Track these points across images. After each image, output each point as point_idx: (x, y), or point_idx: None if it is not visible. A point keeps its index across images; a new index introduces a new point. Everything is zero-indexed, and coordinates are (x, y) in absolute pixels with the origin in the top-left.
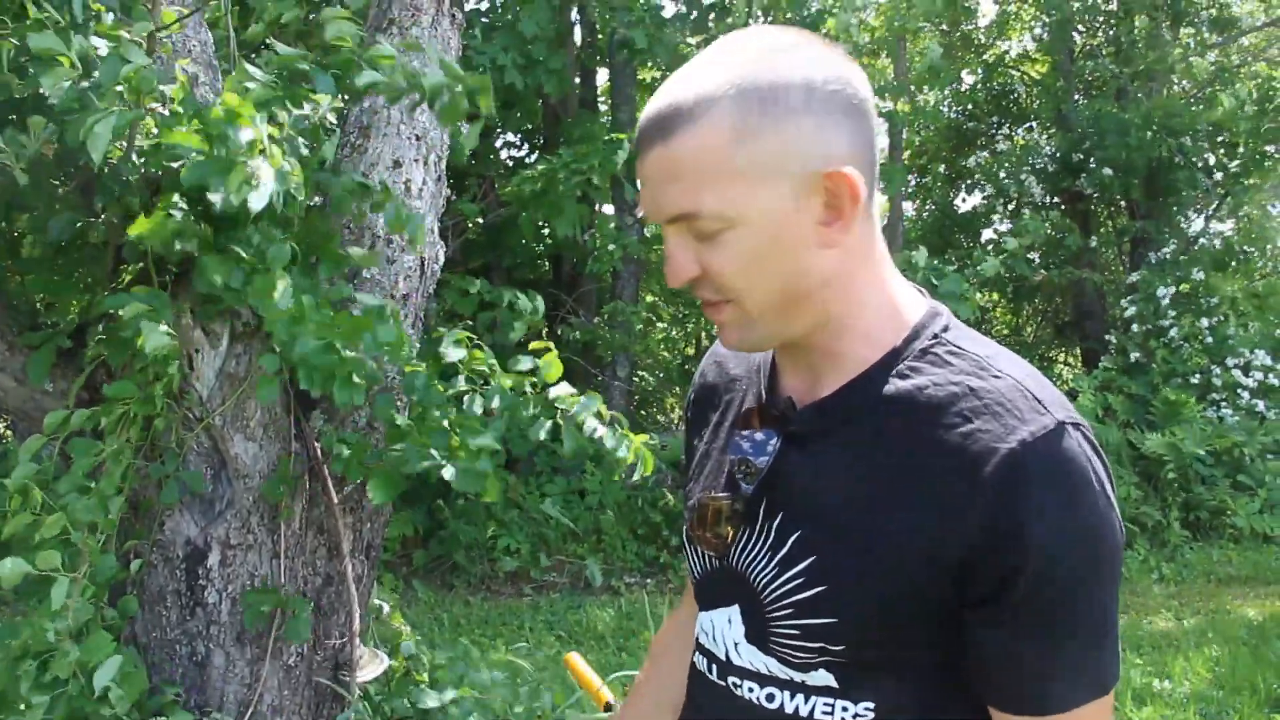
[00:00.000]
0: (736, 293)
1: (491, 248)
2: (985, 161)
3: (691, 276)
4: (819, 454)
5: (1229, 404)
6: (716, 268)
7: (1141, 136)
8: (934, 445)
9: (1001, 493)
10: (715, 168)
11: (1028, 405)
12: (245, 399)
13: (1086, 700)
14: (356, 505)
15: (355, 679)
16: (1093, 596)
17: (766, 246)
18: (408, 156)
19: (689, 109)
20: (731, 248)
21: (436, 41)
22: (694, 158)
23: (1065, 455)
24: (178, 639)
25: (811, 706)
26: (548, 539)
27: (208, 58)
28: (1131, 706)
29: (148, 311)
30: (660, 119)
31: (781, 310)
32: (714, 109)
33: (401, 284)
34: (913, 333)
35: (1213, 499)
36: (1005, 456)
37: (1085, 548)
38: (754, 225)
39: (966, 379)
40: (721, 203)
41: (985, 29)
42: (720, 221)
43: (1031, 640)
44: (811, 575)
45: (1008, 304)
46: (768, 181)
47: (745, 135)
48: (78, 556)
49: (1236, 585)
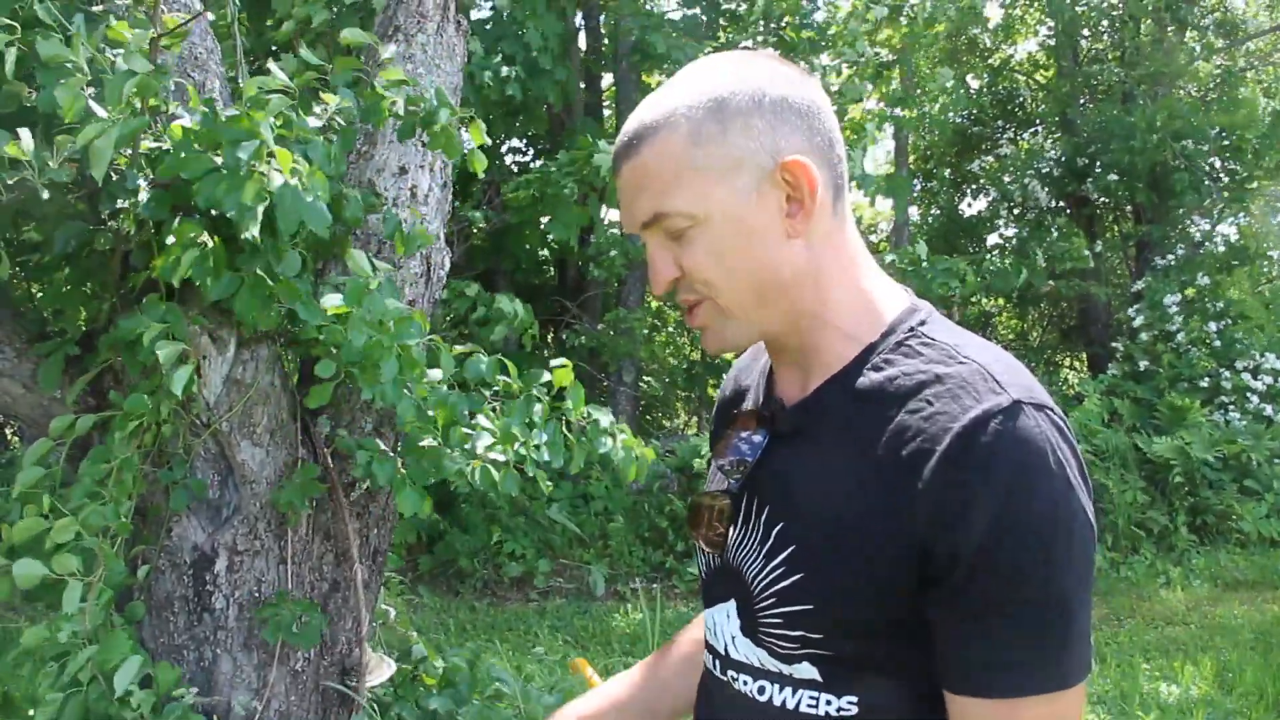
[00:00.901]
0: (711, 288)
1: (496, 253)
2: (990, 166)
3: (672, 278)
4: (801, 449)
5: (1238, 408)
6: (690, 264)
7: (1146, 140)
8: (899, 431)
9: (949, 470)
10: (676, 169)
11: (986, 387)
12: (252, 405)
13: (1036, 691)
14: (364, 510)
15: (363, 684)
16: (1046, 583)
17: (734, 239)
18: (414, 163)
19: (652, 125)
20: (701, 243)
21: (442, 49)
22: (657, 164)
23: (1016, 434)
24: (185, 644)
25: (798, 700)
26: (553, 544)
27: (216, 67)
28: (1139, 712)
29: (164, 328)
30: (629, 139)
31: (756, 304)
32: (672, 119)
33: (408, 290)
34: (889, 328)
35: (1220, 503)
36: (956, 434)
37: (1032, 531)
38: (719, 220)
39: (934, 367)
40: (686, 201)
41: (991, 33)
42: (687, 219)
43: (976, 623)
44: (791, 564)
45: (1013, 309)
46: (726, 177)
47: (701, 138)
48: (92, 560)
49: (1244, 590)
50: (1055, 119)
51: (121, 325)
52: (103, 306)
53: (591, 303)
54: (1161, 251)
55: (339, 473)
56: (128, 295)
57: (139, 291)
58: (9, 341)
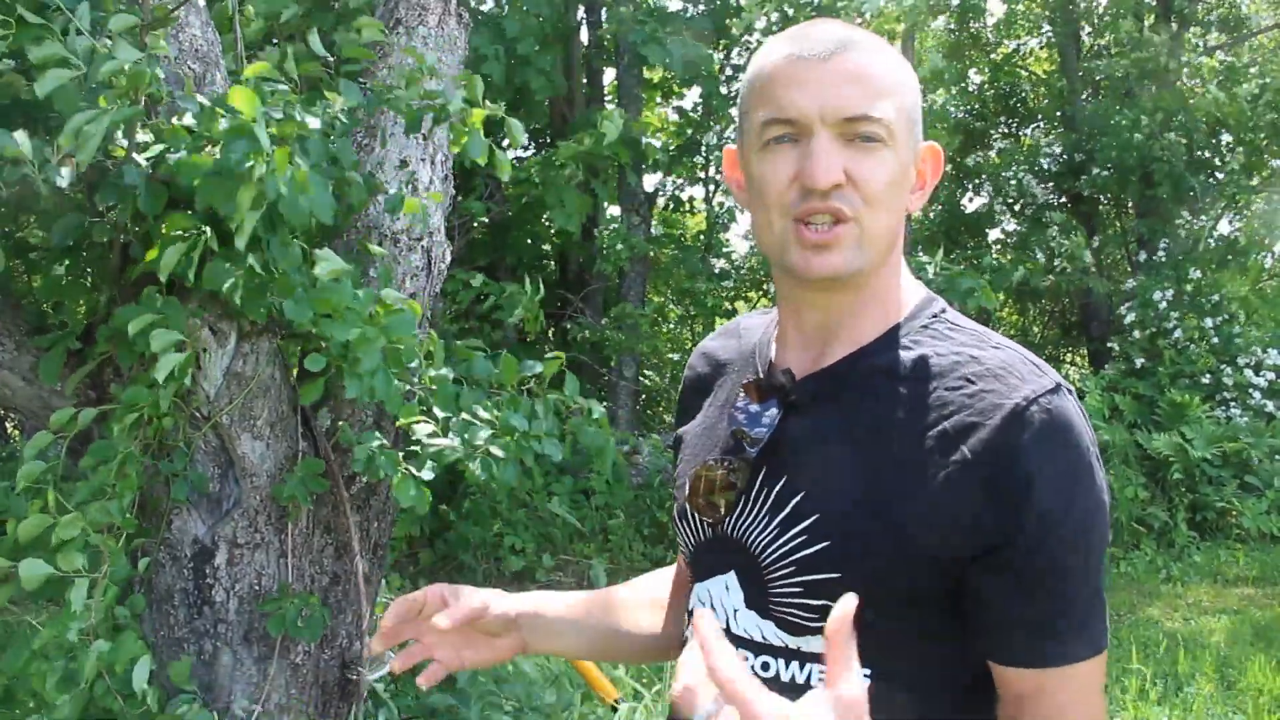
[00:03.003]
0: (871, 207)
1: (497, 247)
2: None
3: (840, 180)
4: (822, 420)
5: (1239, 404)
6: (866, 175)
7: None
8: (939, 406)
9: (1005, 447)
10: (892, 88)
11: (1028, 369)
12: (253, 398)
13: (1086, 656)
14: (365, 504)
15: (363, 677)
16: (1090, 554)
17: (899, 177)
18: (415, 156)
19: (863, 41)
20: (884, 163)
21: (443, 41)
22: (879, 72)
23: (1065, 415)
24: (185, 637)
25: (807, 674)
26: (554, 538)
27: (215, 58)
28: (1139, 707)
29: (159, 320)
30: (838, 39)
31: (886, 246)
32: (886, 50)
33: (408, 283)
34: (912, 312)
35: (1220, 500)
36: (1010, 412)
37: (1084, 505)
38: (899, 154)
39: (967, 349)
40: (893, 117)
41: (993, 27)
42: (886, 132)
43: (1033, 595)
44: (815, 533)
45: (1014, 304)
46: (913, 127)
47: (907, 83)
48: (97, 557)
49: (1244, 586)
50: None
51: (117, 315)
52: (102, 299)
53: (594, 296)
54: (1153, 247)
55: (340, 466)
56: (127, 287)
57: (138, 284)
58: (9, 334)
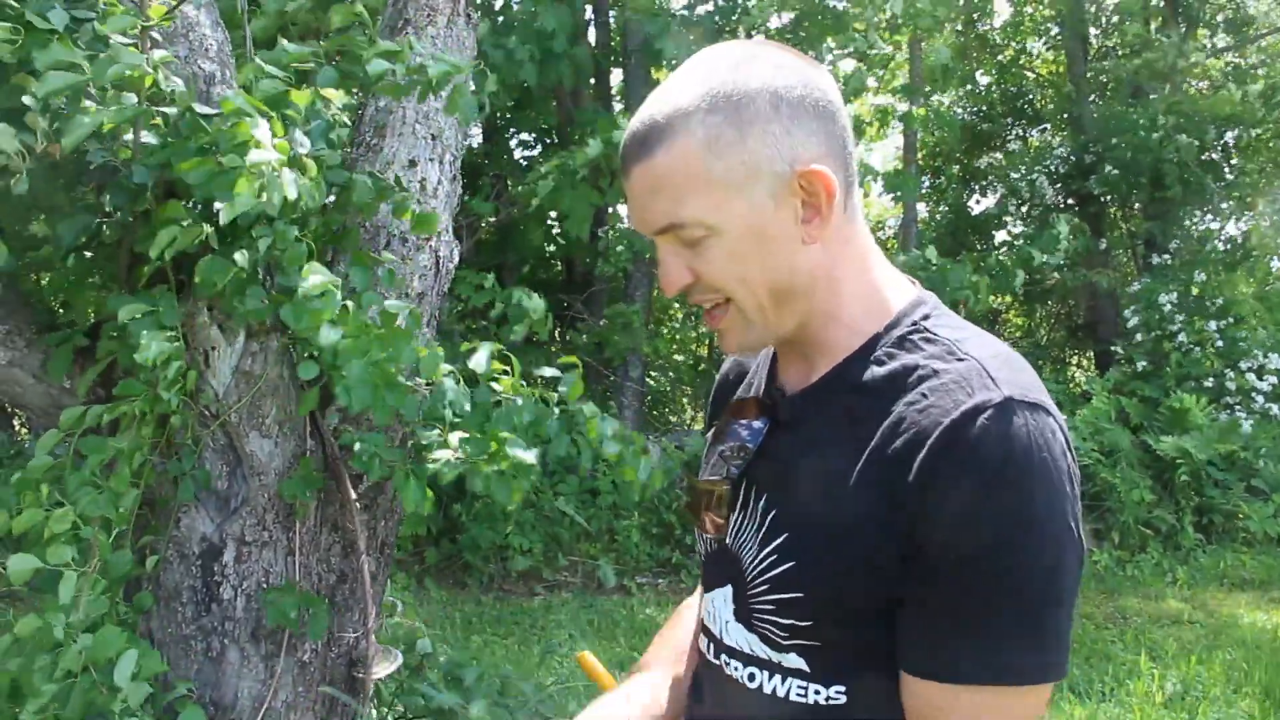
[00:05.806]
0: (733, 287)
1: (504, 248)
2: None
3: (684, 284)
4: (800, 438)
5: (1243, 408)
6: (705, 272)
7: (1149, 137)
8: (894, 425)
9: (935, 461)
10: (692, 179)
11: (979, 383)
12: (261, 396)
13: (984, 681)
14: (371, 503)
15: (369, 676)
16: (1008, 576)
17: (751, 248)
18: (423, 155)
19: (664, 124)
20: (717, 253)
21: (452, 42)
22: (672, 170)
23: (1003, 430)
24: (193, 635)
25: (788, 688)
26: (560, 539)
27: (224, 57)
28: (1146, 710)
29: (149, 313)
30: (639, 136)
31: (775, 308)
32: (688, 122)
33: (416, 283)
34: (893, 320)
35: (1226, 503)
36: (945, 427)
37: (1004, 525)
38: (736, 230)
39: (933, 362)
40: (702, 211)
41: (1000, 29)
42: (703, 229)
43: (931, 607)
44: (784, 552)
45: (1020, 306)
46: (744, 187)
47: (718, 146)
48: (88, 551)
49: (1250, 589)
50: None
51: (109, 302)
52: (109, 298)
53: (599, 297)
54: (1161, 249)
55: (346, 465)
56: (136, 287)
57: (147, 283)
58: (19, 332)
